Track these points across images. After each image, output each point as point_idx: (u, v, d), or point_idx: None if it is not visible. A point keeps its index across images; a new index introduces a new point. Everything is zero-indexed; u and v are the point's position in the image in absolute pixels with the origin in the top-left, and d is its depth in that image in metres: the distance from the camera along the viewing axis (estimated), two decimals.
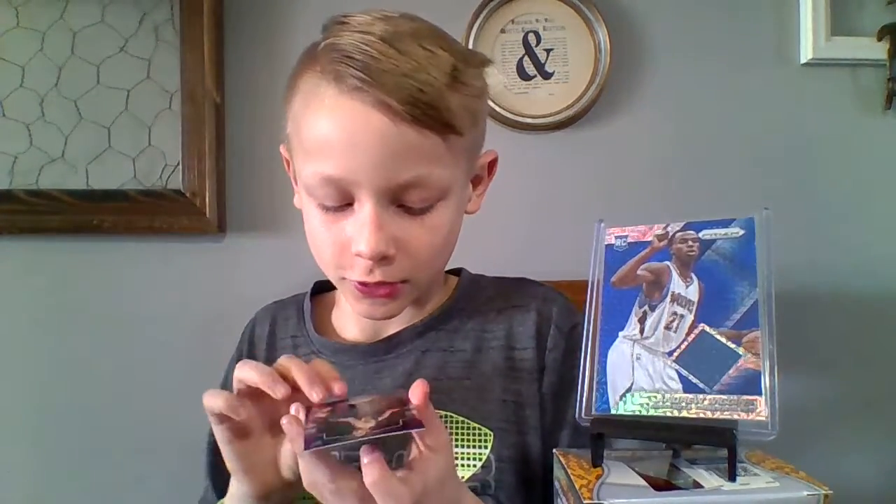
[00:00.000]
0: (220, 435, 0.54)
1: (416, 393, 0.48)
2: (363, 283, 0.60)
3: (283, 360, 0.53)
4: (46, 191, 1.11)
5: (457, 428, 0.64)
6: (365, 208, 0.57)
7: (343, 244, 0.59)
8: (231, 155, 1.15)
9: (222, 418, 0.53)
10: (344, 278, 0.62)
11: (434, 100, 0.55)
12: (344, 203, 0.59)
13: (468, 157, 0.64)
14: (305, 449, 0.45)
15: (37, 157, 1.12)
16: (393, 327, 0.70)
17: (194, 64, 1.11)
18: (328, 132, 0.56)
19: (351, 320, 0.74)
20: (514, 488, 0.62)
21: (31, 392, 1.14)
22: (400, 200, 0.58)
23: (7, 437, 1.13)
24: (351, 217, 0.59)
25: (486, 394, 0.66)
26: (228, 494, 0.59)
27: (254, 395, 0.53)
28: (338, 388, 0.50)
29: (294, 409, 0.49)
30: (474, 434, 0.64)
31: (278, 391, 0.50)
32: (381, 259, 0.58)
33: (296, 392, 0.51)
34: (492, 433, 0.64)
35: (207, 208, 1.11)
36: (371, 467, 0.45)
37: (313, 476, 0.48)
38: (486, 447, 0.64)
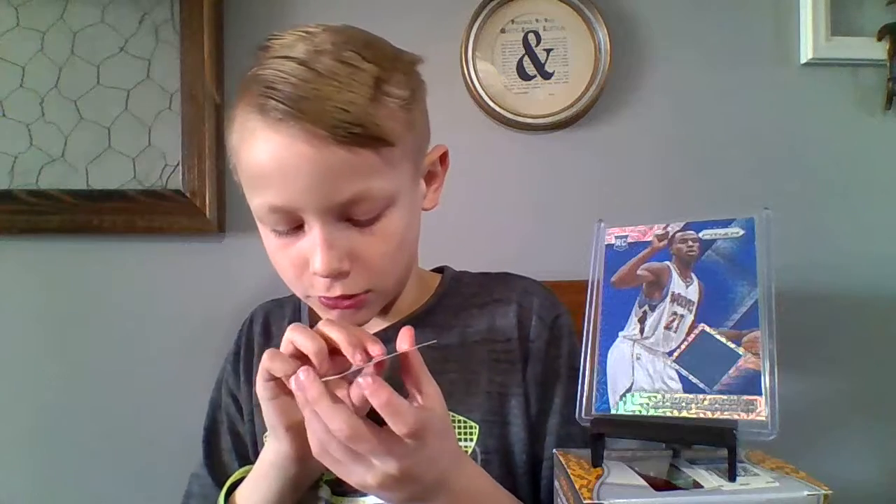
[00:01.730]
0: (265, 392, 0.55)
1: (404, 338, 0.52)
2: (327, 297, 0.62)
3: (323, 326, 0.53)
4: (46, 191, 1.11)
5: None
6: (314, 230, 0.58)
7: (301, 265, 0.61)
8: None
9: (270, 376, 0.54)
10: (309, 296, 0.64)
11: (359, 118, 0.55)
12: (294, 227, 0.60)
13: (412, 159, 0.64)
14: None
15: (37, 157, 1.12)
16: (378, 325, 0.71)
17: (194, 64, 1.11)
18: (262, 163, 0.57)
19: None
20: (500, 479, 0.63)
21: (31, 392, 1.14)
22: (347, 216, 0.59)
23: (7, 437, 1.13)
24: (304, 238, 0.60)
25: (471, 387, 0.67)
26: (261, 459, 0.61)
27: (299, 356, 0.54)
28: (377, 349, 0.51)
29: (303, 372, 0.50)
30: (460, 427, 0.66)
31: (326, 367, 0.52)
32: (337, 275, 0.60)
33: (333, 355, 0.52)
34: (477, 426, 0.66)
35: (207, 208, 1.11)
36: (376, 391, 0.46)
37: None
38: (471, 440, 0.65)
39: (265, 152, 0.57)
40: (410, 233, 0.66)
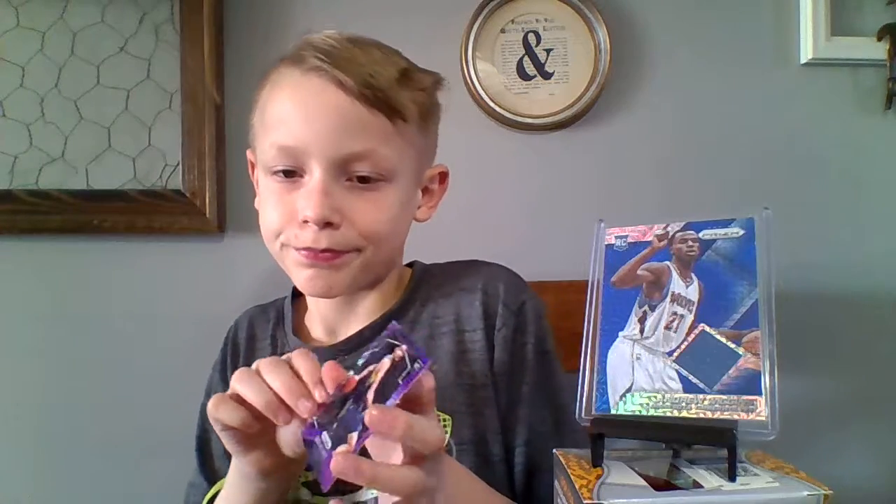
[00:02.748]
0: (221, 434, 0.54)
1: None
2: (308, 250, 0.63)
3: (265, 368, 0.50)
4: (46, 191, 1.11)
5: None
6: (314, 177, 0.62)
7: (291, 214, 0.63)
8: (231, 155, 1.15)
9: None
10: (287, 247, 0.65)
11: (384, 87, 0.62)
12: (296, 173, 0.63)
13: (417, 156, 0.68)
14: (305, 438, 0.47)
15: (37, 157, 1.12)
16: (353, 327, 0.71)
17: (194, 64, 1.11)
18: (288, 107, 0.63)
19: (315, 321, 0.75)
20: (476, 470, 0.63)
21: (31, 392, 1.14)
22: (348, 173, 0.62)
23: (7, 437, 1.13)
24: (302, 189, 0.62)
25: (442, 379, 0.67)
26: (228, 476, 0.59)
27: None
28: (318, 397, 0.47)
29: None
30: None
31: (280, 419, 0.48)
32: (326, 225, 0.61)
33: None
34: (450, 418, 0.66)
35: (207, 208, 1.11)
36: (395, 422, 0.43)
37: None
38: (445, 432, 0.65)
39: (292, 96, 0.63)
40: (400, 222, 0.68)
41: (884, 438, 1.21)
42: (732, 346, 0.47)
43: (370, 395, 0.45)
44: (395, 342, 0.48)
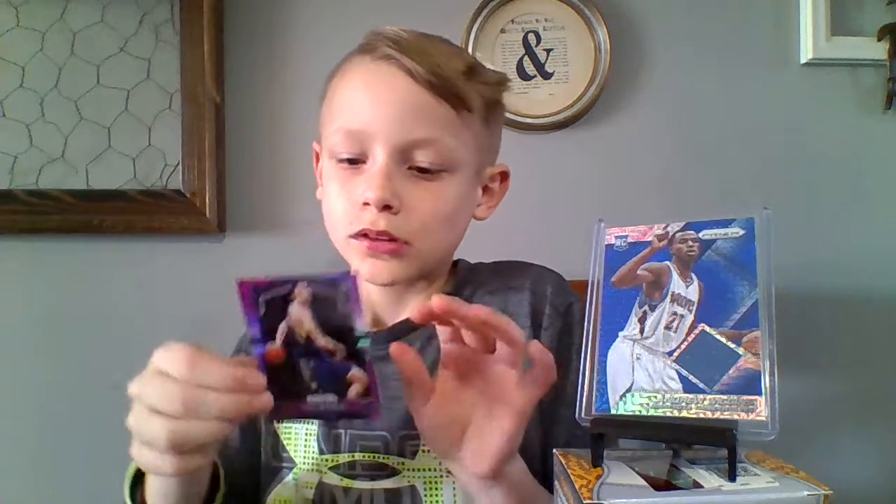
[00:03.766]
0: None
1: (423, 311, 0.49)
2: (369, 237, 0.63)
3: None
4: (46, 191, 1.11)
5: None
6: (378, 162, 0.62)
7: (355, 201, 0.64)
8: (231, 155, 1.15)
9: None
10: (352, 236, 0.65)
11: (451, 77, 0.63)
12: (359, 158, 0.64)
13: (479, 150, 0.68)
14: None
15: (37, 157, 1.12)
16: (397, 317, 0.72)
17: (194, 64, 1.11)
18: (356, 92, 0.64)
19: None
20: None
21: (31, 392, 1.14)
22: (411, 161, 0.63)
23: (7, 437, 1.14)
24: (364, 174, 0.63)
25: None
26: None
27: None
28: (258, 404, 0.47)
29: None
30: None
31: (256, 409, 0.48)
32: (385, 208, 0.62)
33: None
34: None
35: (207, 208, 1.11)
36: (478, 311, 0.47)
37: None
38: None
39: (360, 81, 0.64)
40: (458, 216, 0.69)
41: (884, 438, 1.21)
42: (732, 346, 0.47)
43: (320, 340, 0.48)
44: (278, 293, 0.48)
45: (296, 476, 0.68)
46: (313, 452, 0.68)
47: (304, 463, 0.68)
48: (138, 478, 0.63)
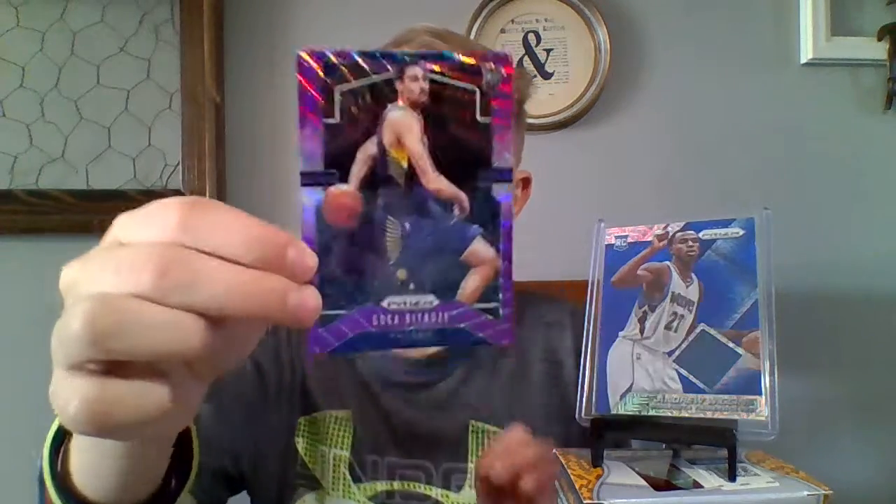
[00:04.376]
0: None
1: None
2: None
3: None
4: (46, 191, 1.11)
5: None
6: None
7: None
8: (231, 155, 1.15)
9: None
10: None
11: None
12: None
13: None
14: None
15: (37, 157, 1.12)
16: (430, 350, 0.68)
17: (194, 64, 1.11)
18: None
19: None
20: None
21: (32, 392, 1.14)
22: None
23: (7, 437, 1.13)
24: None
25: (532, 409, 0.67)
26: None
27: None
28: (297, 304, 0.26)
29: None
30: None
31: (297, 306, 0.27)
32: None
33: None
34: None
35: None
36: None
37: None
38: None
39: None
40: None
41: (884, 438, 1.21)
42: (732, 346, 0.47)
43: (432, 177, 0.28)
44: (369, 79, 0.27)
45: (319, 500, 0.65)
46: (345, 480, 0.65)
47: (334, 489, 0.65)
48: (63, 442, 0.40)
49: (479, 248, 0.28)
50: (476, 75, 0.28)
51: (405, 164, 0.27)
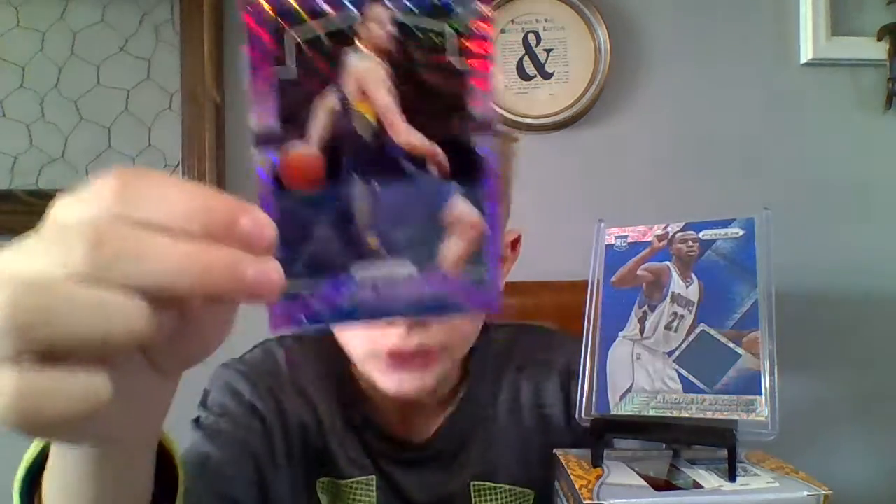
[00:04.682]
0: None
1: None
2: (398, 354, 0.55)
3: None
4: (46, 191, 1.11)
5: (501, 498, 0.66)
6: None
7: None
8: (231, 155, 1.15)
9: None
10: (375, 352, 0.57)
11: None
12: None
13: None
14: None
15: (37, 157, 1.12)
16: (411, 412, 0.66)
17: (194, 64, 1.11)
18: None
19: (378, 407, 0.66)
20: None
21: None
22: None
23: (7, 437, 1.13)
24: None
25: (526, 454, 0.67)
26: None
27: None
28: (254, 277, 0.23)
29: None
30: (516, 498, 0.66)
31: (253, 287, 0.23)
32: (417, 323, 0.54)
33: None
34: (532, 492, 0.66)
35: None
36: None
37: None
38: None
39: None
40: None
41: (883, 438, 1.21)
42: (732, 346, 0.47)
43: (403, 132, 0.24)
44: (326, 26, 0.24)
45: None
46: None
47: None
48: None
49: (461, 208, 0.25)
50: (448, 13, 0.24)
51: (372, 118, 0.24)
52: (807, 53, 1.19)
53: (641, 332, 0.51)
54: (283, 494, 0.63)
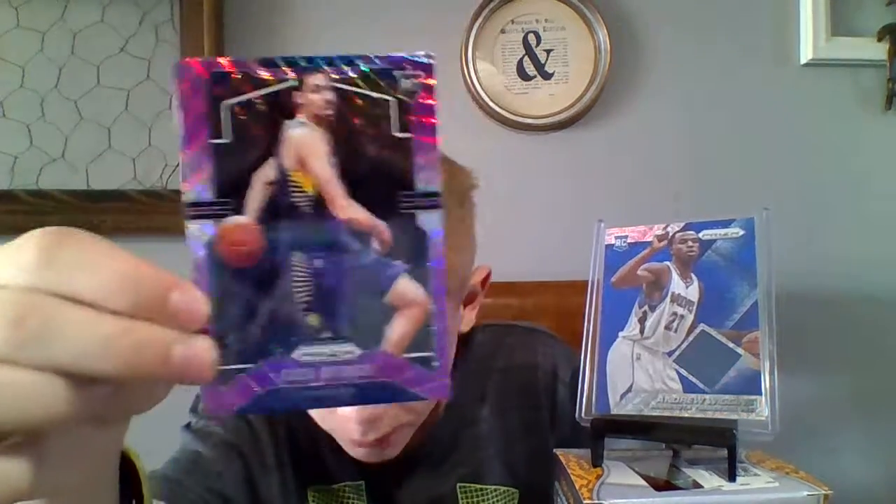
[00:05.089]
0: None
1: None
2: (358, 443, 0.55)
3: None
4: (47, 191, 1.11)
5: (488, 499, 0.66)
6: None
7: None
8: None
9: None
10: (335, 432, 0.57)
11: None
12: None
13: (459, 267, 0.60)
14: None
15: (37, 157, 1.12)
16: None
17: None
18: None
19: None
20: None
21: None
22: None
23: None
24: None
25: (511, 455, 0.67)
26: None
27: None
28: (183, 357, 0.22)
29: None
30: (502, 498, 0.66)
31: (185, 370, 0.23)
32: (369, 421, 0.53)
33: None
34: (517, 491, 0.66)
35: None
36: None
37: None
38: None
39: None
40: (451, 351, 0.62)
41: (883, 438, 1.21)
42: (732, 346, 0.47)
43: (342, 204, 0.24)
44: (263, 89, 0.23)
45: None
46: None
47: None
48: None
49: (406, 287, 0.24)
50: (391, 82, 0.24)
51: (311, 191, 0.23)
52: (807, 53, 1.19)
53: (641, 332, 0.51)
54: (273, 496, 0.63)
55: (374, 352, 0.24)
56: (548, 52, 1.17)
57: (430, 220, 0.24)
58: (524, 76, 1.17)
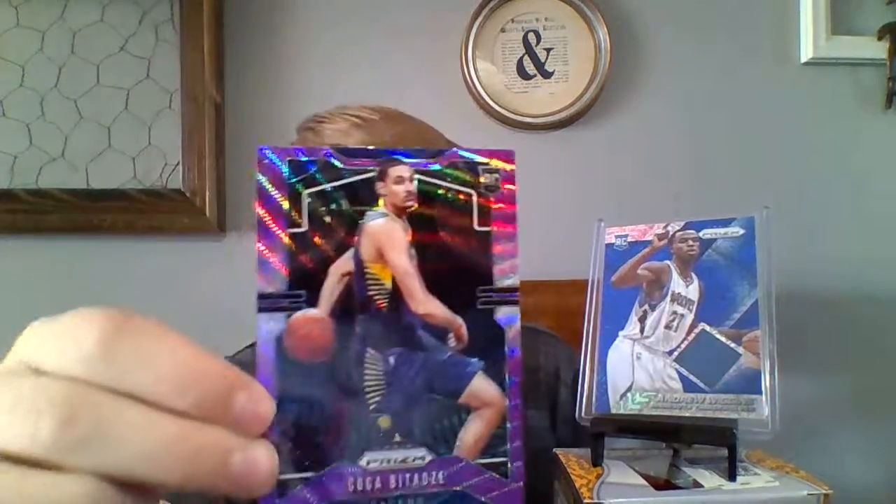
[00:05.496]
0: None
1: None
2: None
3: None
4: (46, 190, 1.11)
5: None
6: None
7: None
8: (231, 155, 1.15)
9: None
10: None
11: None
12: None
13: None
14: None
15: (37, 157, 1.12)
16: None
17: (194, 64, 1.11)
18: None
19: None
20: None
21: None
22: None
23: None
24: None
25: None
26: None
27: None
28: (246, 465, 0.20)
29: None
30: None
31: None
32: None
33: None
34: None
35: (207, 208, 1.11)
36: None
37: None
38: None
39: None
40: None
41: (884, 438, 1.21)
42: (732, 345, 0.47)
43: (421, 300, 0.22)
44: (345, 180, 0.22)
45: None
46: None
47: None
48: None
49: (481, 386, 0.23)
50: (474, 175, 0.24)
51: (388, 284, 0.22)
52: (807, 53, 1.19)
53: (641, 331, 0.51)
54: None
55: (446, 458, 0.22)
56: (548, 50, 1.17)
57: (508, 315, 0.24)
58: (524, 75, 1.17)
